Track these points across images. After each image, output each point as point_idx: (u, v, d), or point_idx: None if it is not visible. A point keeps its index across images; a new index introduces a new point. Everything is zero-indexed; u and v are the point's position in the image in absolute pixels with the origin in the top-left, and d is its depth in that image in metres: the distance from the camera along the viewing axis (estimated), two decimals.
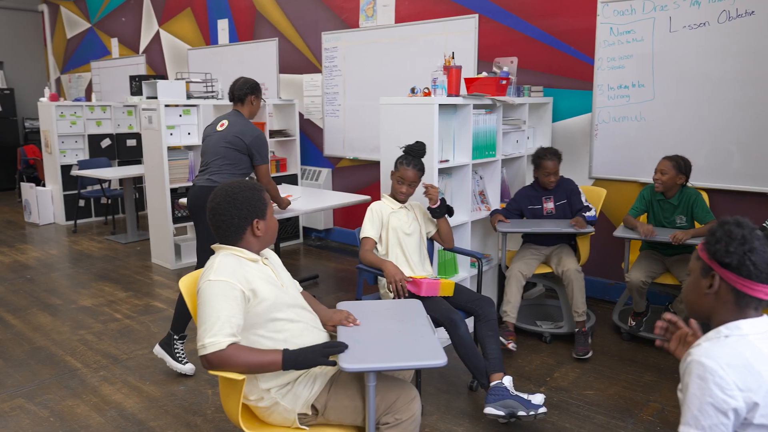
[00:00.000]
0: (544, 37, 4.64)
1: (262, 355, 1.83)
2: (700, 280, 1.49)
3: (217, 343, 1.77)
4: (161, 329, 4.05)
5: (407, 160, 3.11)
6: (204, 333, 1.79)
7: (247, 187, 2.02)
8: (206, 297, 1.83)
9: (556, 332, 3.79)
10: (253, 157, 3.60)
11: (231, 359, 1.78)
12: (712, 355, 1.34)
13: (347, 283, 5.08)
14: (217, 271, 1.87)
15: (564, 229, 3.66)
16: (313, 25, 6.29)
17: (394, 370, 1.81)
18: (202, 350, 1.79)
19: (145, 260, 5.81)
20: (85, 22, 9.82)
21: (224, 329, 1.79)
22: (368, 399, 1.82)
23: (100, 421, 2.91)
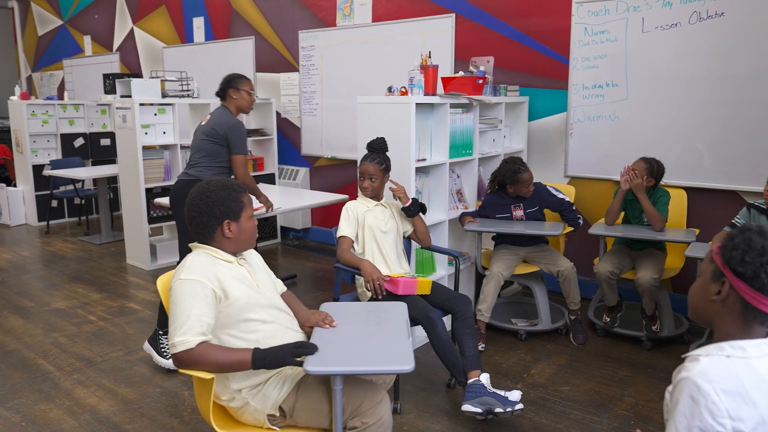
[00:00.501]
0: (520, 36, 4.68)
1: (231, 354, 1.83)
2: (709, 285, 1.40)
3: (187, 341, 1.78)
4: (136, 331, 4.00)
5: (365, 156, 3.16)
6: (174, 332, 1.80)
7: (224, 186, 1.99)
8: (177, 296, 1.84)
9: (531, 330, 3.83)
10: (229, 147, 3.59)
11: (201, 358, 1.79)
12: (709, 377, 1.28)
13: (325, 283, 5.07)
14: (188, 270, 1.88)
15: (537, 231, 3.68)
16: (290, 24, 6.26)
17: (360, 374, 1.78)
18: (172, 349, 1.80)
19: (120, 261, 5.73)
20: (57, 19, 9.65)
21: (194, 328, 1.79)
22: (335, 402, 1.80)
23: (74, 425, 2.86)
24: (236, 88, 3.54)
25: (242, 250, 2.07)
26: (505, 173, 3.78)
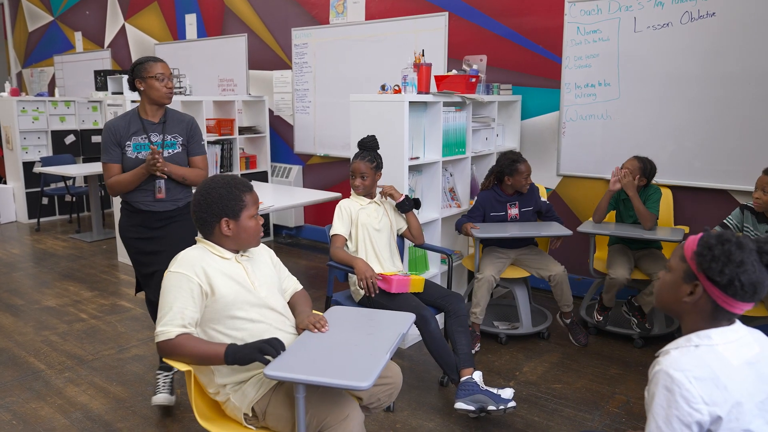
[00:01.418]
0: (513, 35, 4.69)
1: (207, 347, 1.87)
2: (681, 285, 1.44)
3: (167, 332, 1.86)
4: (128, 329, 3.98)
5: (356, 154, 3.17)
6: (158, 321, 1.89)
7: (226, 184, 2.01)
8: (165, 287, 1.92)
9: (512, 333, 3.77)
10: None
11: (178, 349, 1.86)
12: (680, 366, 1.34)
13: (318, 281, 5.07)
14: (178, 263, 1.94)
15: (547, 232, 3.65)
16: (282, 21, 6.24)
17: (316, 384, 1.71)
18: (156, 337, 1.88)
19: (111, 259, 5.70)
20: (48, 15, 9.57)
21: (175, 320, 1.87)
22: (297, 411, 1.76)
23: (65, 423, 2.85)
24: (141, 77, 2.84)
25: (244, 248, 2.08)
26: (503, 164, 3.73)
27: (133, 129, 2.85)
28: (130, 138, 2.84)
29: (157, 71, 2.82)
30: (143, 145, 2.86)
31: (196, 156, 3.00)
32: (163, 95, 2.85)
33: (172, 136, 2.91)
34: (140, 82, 2.85)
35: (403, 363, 3.44)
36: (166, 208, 2.93)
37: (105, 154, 2.85)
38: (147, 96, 2.85)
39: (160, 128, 2.89)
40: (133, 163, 2.83)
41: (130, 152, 2.84)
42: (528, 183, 3.75)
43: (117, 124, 2.85)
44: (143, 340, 3.80)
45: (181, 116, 2.99)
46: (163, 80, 2.84)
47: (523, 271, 3.77)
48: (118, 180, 2.85)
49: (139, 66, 2.85)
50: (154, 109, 2.88)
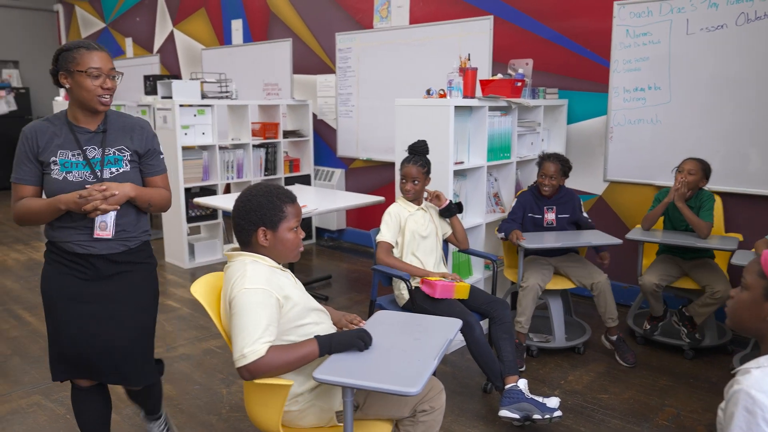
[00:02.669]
0: (559, 38, 4.63)
1: (299, 349, 1.83)
2: (762, 303, 1.38)
3: (257, 350, 1.76)
4: (175, 328, 4.07)
5: (408, 158, 3.15)
6: (244, 342, 1.76)
7: (267, 193, 1.94)
8: (244, 306, 1.80)
9: (544, 346, 3.66)
10: None
11: (272, 362, 1.77)
12: (762, 387, 1.27)
13: (360, 284, 5.09)
14: (252, 279, 1.84)
15: (597, 241, 3.56)
16: (327, 26, 6.30)
17: (365, 389, 1.73)
18: (242, 360, 1.76)
19: (159, 259, 5.84)
20: (100, 21, 9.90)
21: (264, 337, 1.78)
22: (345, 415, 1.77)
23: (116, 419, 2.93)
24: (67, 70, 2.05)
25: (281, 261, 2.00)
26: (539, 157, 3.77)
27: (60, 139, 2.08)
28: (56, 151, 2.06)
29: (90, 64, 2.02)
30: (76, 164, 2.07)
31: (156, 175, 2.24)
32: (93, 99, 2.05)
33: (117, 150, 2.13)
34: (65, 76, 2.05)
35: (446, 369, 3.42)
36: (113, 251, 2.14)
37: (15, 170, 2.10)
38: (74, 97, 2.08)
39: (98, 139, 2.12)
40: (59, 187, 2.04)
41: (55, 172, 2.06)
42: (546, 185, 3.67)
43: (38, 131, 2.08)
44: (190, 340, 3.88)
45: (130, 121, 2.21)
46: (99, 77, 2.03)
47: (566, 282, 3.65)
48: (28, 207, 2.07)
49: (66, 54, 2.05)
50: (88, 114, 2.11)
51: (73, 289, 2.14)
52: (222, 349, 3.72)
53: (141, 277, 2.25)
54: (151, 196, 2.20)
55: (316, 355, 1.84)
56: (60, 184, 2.06)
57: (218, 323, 2.00)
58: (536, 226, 3.76)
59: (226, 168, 5.78)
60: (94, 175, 2.09)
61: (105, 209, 2.02)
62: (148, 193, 2.19)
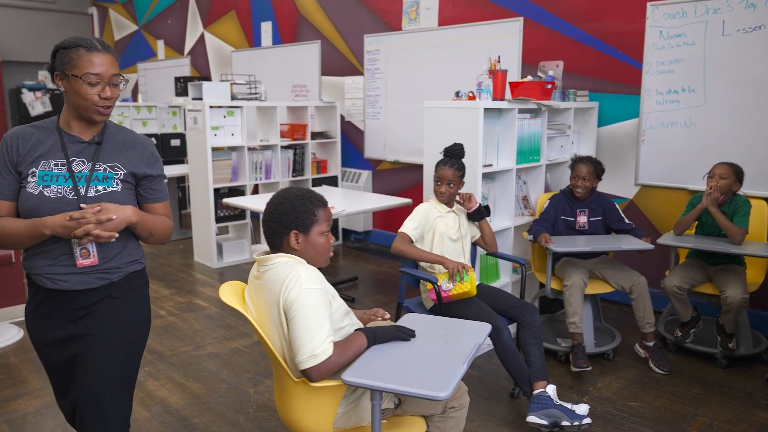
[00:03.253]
0: (590, 40, 4.57)
1: (353, 344, 1.87)
2: None
3: (327, 350, 1.78)
4: (203, 327, 4.12)
5: (444, 161, 3.13)
6: (314, 343, 1.76)
7: (300, 196, 1.94)
8: (308, 306, 1.79)
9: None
10: None
11: (338, 360, 1.80)
12: None
13: (386, 286, 5.08)
14: (308, 280, 1.83)
15: (627, 246, 3.49)
16: (355, 28, 6.32)
17: (393, 392, 1.74)
18: (313, 360, 1.76)
19: (188, 258, 5.92)
20: (133, 24, 10.08)
21: (330, 336, 1.80)
22: (373, 418, 1.77)
23: (146, 416, 2.97)
24: (63, 72, 1.76)
25: (312, 265, 1.96)
26: (572, 159, 3.74)
27: (45, 147, 1.79)
28: (38, 162, 1.77)
29: (89, 69, 1.73)
30: (57, 177, 1.77)
31: (158, 202, 1.95)
32: (90, 109, 1.77)
33: (109, 167, 1.83)
34: (60, 77, 1.77)
35: (473, 372, 3.40)
36: (90, 286, 1.82)
37: None
38: (69, 102, 1.80)
39: (90, 152, 1.82)
40: (32, 204, 1.74)
41: (31, 184, 1.75)
42: (579, 186, 3.64)
43: (20, 137, 1.79)
44: (218, 339, 3.92)
45: (131, 138, 1.92)
46: (97, 85, 1.75)
47: (603, 285, 3.60)
48: (4, 229, 1.76)
49: (63, 53, 1.75)
50: (83, 122, 1.82)
51: (45, 332, 1.86)
52: (249, 349, 3.75)
53: (122, 312, 1.88)
54: (154, 224, 1.90)
55: (365, 348, 1.89)
56: (33, 200, 1.73)
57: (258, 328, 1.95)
58: (569, 228, 3.72)
59: (254, 169, 5.84)
60: (75, 192, 1.76)
61: (99, 237, 1.70)
62: (151, 221, 1.88)
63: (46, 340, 1.86)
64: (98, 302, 1.84)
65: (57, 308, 1.82)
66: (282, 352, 1.90)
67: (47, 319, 1.84)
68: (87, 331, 1.83)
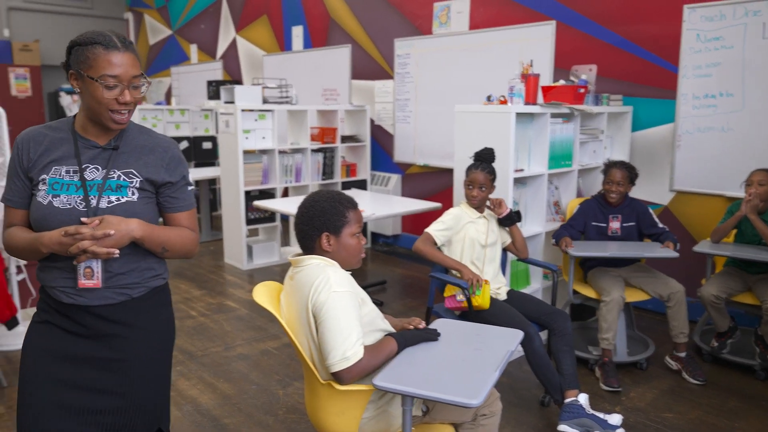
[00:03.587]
0: (624, 44, 4.50)
1: (383, 348, 1.88)
2: None
3: (358, 352, 1.78)
4: (234, 328, 4.16)
5: (475, 165, 3.11)
6: (345, 345, 1.77)
7: (330, 198, 1.96)
8: (338, 309, 1.80)
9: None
10: None
11: (368, 364, 1.81)
12: None
13: (414, 290, 5.07)
14: (338, 283, 1.84)
15: (650, 253, 3.44)
16: (385, 32, 6.34)
17: (424, 398, 1.72)
18: (344, 363, 1.76)
19: (218, 260, 5.99)
20: (167, 29, 10.26)
21: (360, 338, 1.81)
22: (404, 422, 1.77)
23: (178, 415, 3.01)
24: (78, 71, 1.58)
25: (345, 267, 1.98)
26: (605, 164, 3.68)
27: (58, 152, 1.64)
28: (50, 168, 1.63)
29: (106, 71, 1.55)
30: (68, 185, 1.62)
31: (181, 211, 1.78)
32: (105, 114, 1.60)
33: (123, 174, 1.66)
34: (75, 76, 1.60)
35: (503, 379, 3.36)
36: (108, 301, 1.66)
37: (6, 188, 1.70)
38: (84, 103, 1.64)
39: (105, 157, 1.66)
40: (41, 215, 1.61)
41: (41, 193, 1.61)
42: (614, 191, 3.57)
43: (32, 139, 1.66)
44: (247, 340, 3.95)
45: (152, 140, 1.75)
46: (115, 88, 1.57)
47: (639, 294, 3.52)
48: (12, 240, 1.67)
49: (79, 50, 1.58)
50: (99, 126, 1.65)
51: (54, 343, 1.66)
52: (278, 351, 3.77)
53: (147, 339, 1.74)
54: (168, 237, 1.69)
55: (396, 353, 1.89)
56: (42, 211, 1.60)
57: (288, 330, 1.97)
58: (600, 234, 3.66)
59: (284, 172, 5.88)
60: (86, 202, 1.60)
61: (96, 254, 1.53)
62: (163, 235, 1.68)
63: (56, 355, 1.66)
64: (121, 322, 1.67)
65: (73, 323, 1.66)
66: (310, 354, 1.91)
67: (62, 333, 1.66)
68: (108, 354, 1.68)
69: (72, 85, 1.61)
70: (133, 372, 1.71)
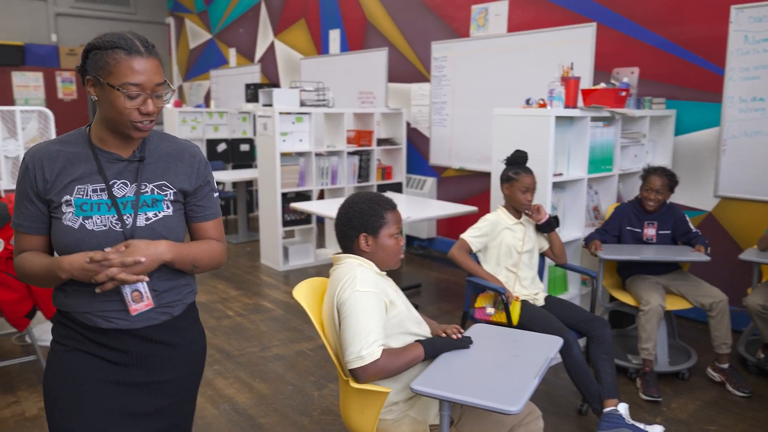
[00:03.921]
0: (667, 45, 4.40)
1: (406, 353, 1.88)
2: None
3: (373, 353, 1.80)
4: (270, 329, 4.20)
5: (523, 169, 3.07)
6: (361, 344, 1.80)
7: (369, 200, 2.00)
8: (357, 308, 1.84)
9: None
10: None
11: (385, 366, 1.82)
12: None
13: (449, 294, 5.04)
14: (362, 282, 1.88)
15: (682, 257, 3.37)
16: (422, 35, 6.33)
17: (463, 403, 1.69)
18: (358, 362, 1.79)
19: (255, 260, 6.06)
20: (207, 33, 10.45)
21: (379, 340, 1.82)
22: (442, 427, 1.76)
23: (215, 413, 3.05)
24: (96, 77, 1.45)
25: (383, 267, 2.02)
26: (644, 170, 3.60)
27: (77, 169, 1.50)
28: (71, 187, 1.49)
29: (129, 79, 1.42)
30: (98, 205, 1.49)
31: (208, 220, 1.67)
32: (126, 124, 1.47)
33: (156, 187, 1.56)
34: (93, 83, 1.46)
35: (540, 386, 3.30)
36: (152, 322, 1.58)
37: (15, 212, 1.54)
38: (102, 113, 1.49)
39: (132, 171, 1.54)
40: (73, 240, 1.47)
41: (68, 216, 1.48)
42: (652, 199, 3.50)
43: (45, 157, 1.50)
44: (283, 341, 3.99)
45: (176, 147, 1.64)
46: (137, 97, 1.44)
47: (680, 302, 3.43)
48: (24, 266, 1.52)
49: (97, 55, 1.43)
50: (119, 137, 1.52)
51: (93, 371, 1.54)
52: (314, 352, 3.80)
53: (188, 357, 1.68)
54: (196, 254, 1.60)
55: (421, 359, 1.89)
56: (74, 235, 1.47)
57: (319, 328, 2.03)
58: (635, 240, 3.59)
59: (321, 174, 5.92)
60: (121, 222, 1.49)
61: (124, 281, 1.44)
62: (192, 251, 1.59)
63: (96, 383, 1.53)
64: (164, 342, 1.60)
65: (110, 349, 1.54)
66: (335, 350, 1.97)
67: (98, 360, 1.54)
68: (160, 376, 1.61)
69: (89, 92, 1.47)
70: (177, 391, 1.66)
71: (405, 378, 1.91)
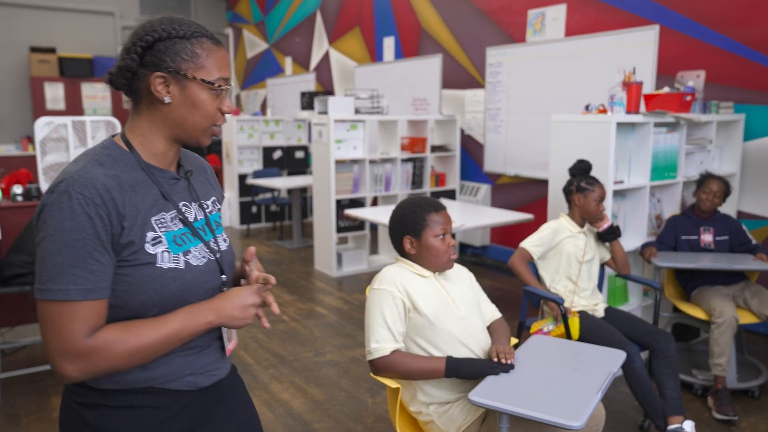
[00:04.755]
0: (736, 47, 4.22)
1: (424, 362, 1.90)
2: None
3: (382, 349, 1.89)
4: (323, 334, 4.23)
5: (595, 179, 3.02)
6: (370, 339, 1.92)
7: (413, 204, 2.06)
8: (372, 304, 1.95)
9: (710, 385, 3.23)
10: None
11: (393, 365, 1.89)
12: None
13: (504, 303, 4.97)
14: (381, 281, 1.98)
15: (742, 266, 3.21)
16: (477, 41, 6.28)
17: (523, 416, 1.64)
18: (368, 356, 1.92)
19: (308, 266, 6.14)
20: (264, 42, 10.68)
21: (388, 336, 1.90)
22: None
23: (270, 417, 3.09)
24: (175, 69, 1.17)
25: (435, 268, 2.04)
26: (702, 175, 3.52)
27: (146, 196, 1.19)
28: (147, 219, 1.17)
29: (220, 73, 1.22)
30: (185, 235, 1.24)
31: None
32: (207, 129, 1.24)
33: (211, 204, 1.37)
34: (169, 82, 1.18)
35: None
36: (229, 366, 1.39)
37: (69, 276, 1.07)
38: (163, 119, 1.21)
39: (184, 188, 1.30)
40: (185, 283, 1.19)
41: (165, 256, 1.18)
42: (710, 202, 3.41)
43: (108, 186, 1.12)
44: (337, 347, 4.01)
45: (193, 157, 1.43)
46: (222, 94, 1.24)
47: (748, 315, 3.27)
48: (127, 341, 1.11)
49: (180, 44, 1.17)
50: (167, 149, 1.25)
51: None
52: None
53: (243, 390, 1.46)
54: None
55: (441, 375, 1.88)
56: (183, 279, 1.19)
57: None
58: (693, 248, 3.47)
59: (374, 181, 5.95)
60: (209, 249, 1.27)
61: (270, 305, 1.31)
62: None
63: None
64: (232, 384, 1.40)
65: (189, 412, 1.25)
66: None
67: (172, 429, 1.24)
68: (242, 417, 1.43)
69: (157, 92, 1.16)
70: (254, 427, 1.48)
71: (426, 386, 1.97)
